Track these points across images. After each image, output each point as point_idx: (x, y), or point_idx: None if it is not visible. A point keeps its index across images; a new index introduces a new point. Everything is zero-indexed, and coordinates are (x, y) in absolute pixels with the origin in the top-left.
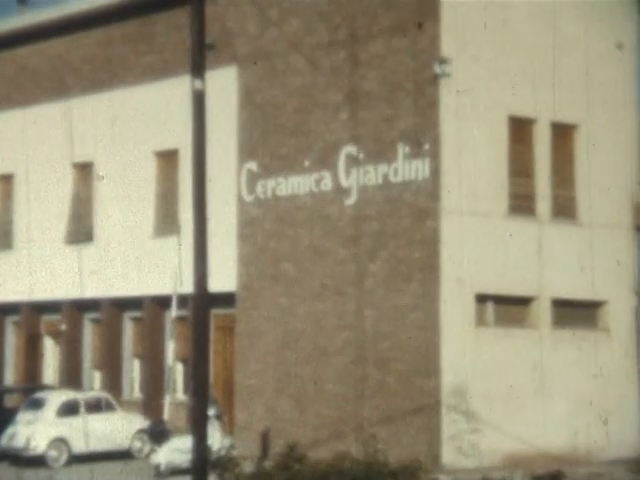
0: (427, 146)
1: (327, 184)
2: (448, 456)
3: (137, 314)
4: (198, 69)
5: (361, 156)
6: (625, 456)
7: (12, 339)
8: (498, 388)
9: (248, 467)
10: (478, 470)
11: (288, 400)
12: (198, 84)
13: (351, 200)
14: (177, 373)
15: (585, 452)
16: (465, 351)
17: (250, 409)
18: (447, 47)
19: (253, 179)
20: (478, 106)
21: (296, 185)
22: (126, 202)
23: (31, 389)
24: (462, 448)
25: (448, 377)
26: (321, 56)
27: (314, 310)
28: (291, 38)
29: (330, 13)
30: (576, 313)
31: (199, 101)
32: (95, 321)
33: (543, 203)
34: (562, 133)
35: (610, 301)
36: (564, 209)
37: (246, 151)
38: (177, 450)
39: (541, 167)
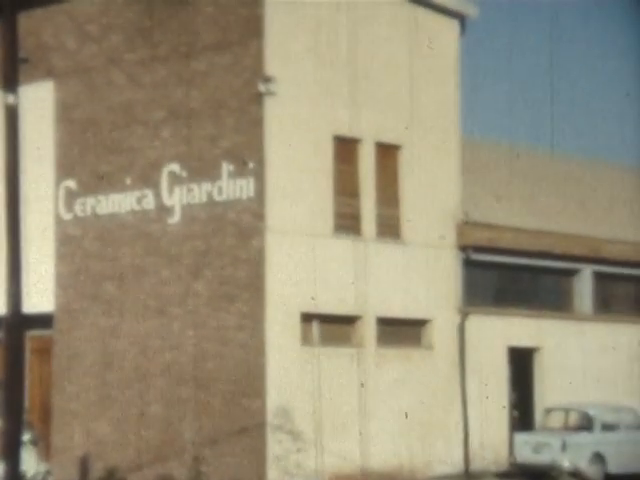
0: (252, 165)
1: (149, 202)
2: (273, 476)
3: None
4: (11, 83)
5: (184, 174)
6: (450, 472)
7: None
8: (324, 407)
9: None
10: None
11: (108, 423)
12: (11, 99)
13: (174, 219)
14: None
15: (411, 469)
16: (290, 371)
17: (68, 433)
18: (272, 65)
19: (71, 197)
20: (303, 125)
21: (117, 203)
22: None
23: None
24: (288, 468)
25: (273, 397)
26: (142, 72)
27: (136, 331)
28: (111, 53)
29: (151, 29)
30: (401, 331)
31: (12, 116)
32: None
33: (368, 222)
34: (386, 153)
35: (434, 319)
36: (389, 228)
37: (64, 168)
38: None
39: (366, 187)
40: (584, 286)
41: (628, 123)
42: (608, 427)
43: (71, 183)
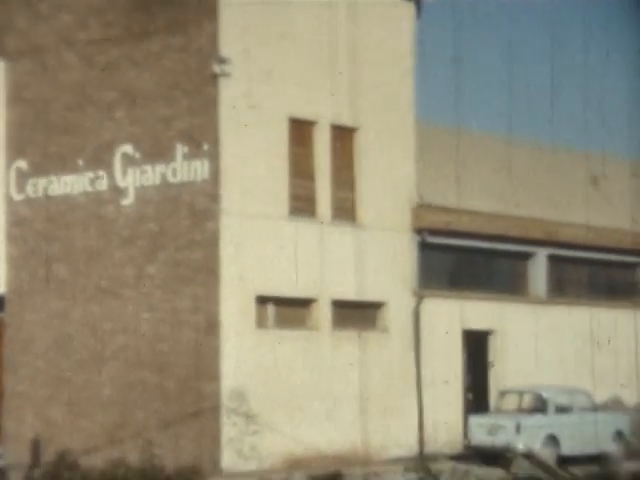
0: (206, 147)
1: (103, 184)
2: (228, 459)
3: None
4: None
5: (138, 156)
6: (405, 455)
7: None
8: (280, 390)
9: (17, 476)
10: (258, 473)
11: (61, 406)
12: None
13: (128, 200)
14: None
15: (366, 452)
16: (246, 353)
17: (20, 416)
18: (227, 47)
19: (23, 178)
20: (258, 107)
21: (69, 184)
22: None
23: None
24: (242, 451)
25: (228, 380)
26: (95, 52)
27: (89, 313)
28: (63, 33)
29: (104, 9)
30: (356, 314)
31: None
32: None
33: (323, 205)
34: (342, 136)
35: (389, 302)
36: (344, 211)
37: (15, 149)
38: None
39: (321, 169)
40: (539, 269)
41: (585, 108)
42: (562, 409)
43: (22, 164)
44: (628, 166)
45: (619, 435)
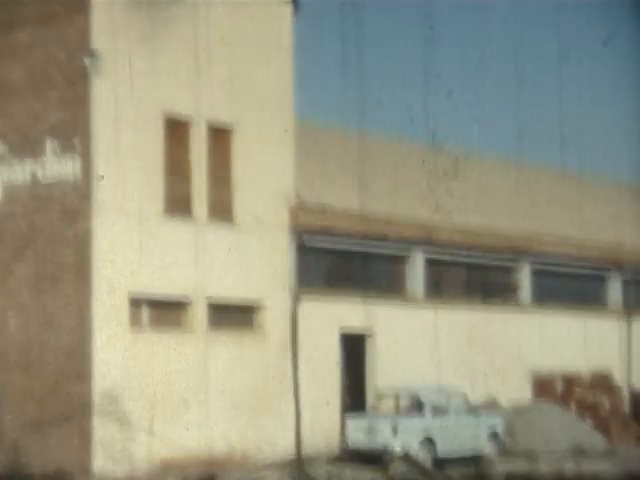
0: (78, 143)
1: None
2: (99, 463)
3: None
4: None
5: (6, 151)
6: (282, 457)
7: None
8: (154, 393)
9: None
10: (131, 477)
11: None
12: None
13: None
14: None
15: (243, 455)
16: (119, 355)
17: None
18: (99, 40)
19: None
20: (133, 104)
21: None
22: None
23: None
24: (114, 455)
25: (100, 382)
26: None
27: None
28: None
29: None
30: (234, 315)
31: None
32: None
33: (200, 205)
34: (219, 135)
35: (267, 303)
36: (221, 211)
37: None
38: None
39: (198, 168)
40: (416, 271)
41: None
42: (438, 411)
43: None
44: (502, 165)
45: (494, 436)
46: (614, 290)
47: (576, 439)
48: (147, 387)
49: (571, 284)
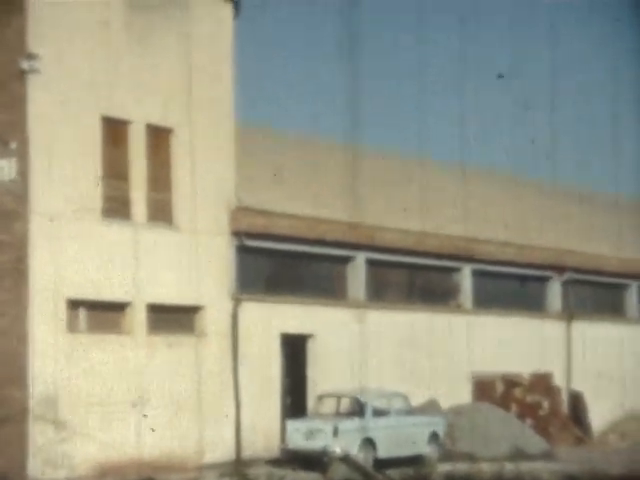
0: (14, 145)
1: None
2: (36, 467)
3: None
4: None
5: None
6: (221, 460)
7: None
8: (92, 396)
9: None
10: None
11: None
12: None
13: None
14: None
15: (182, 457)
16: (56, 359)
17: None
18: (36, 42)
19: None
20: (71, 105)
21: None
22: None
23: None
24: (51, 459)
25: (37, 386)
26: None
27: None
28: None
29: None
30: (174, 318)
31: None
32: None
33: (139, 207)
34: (159, 136)
35: (207, 306)
36: (161, 213)
37: None
38: None
39: (137, 170)
40: (358, 273)
41: (406, 111)
42: (379, 413)
43: None
44: (452, 170)
45: (435, 437)
46: (555, 293)
47: (515, 440)
48: (85, 391)
49: (512, 288)
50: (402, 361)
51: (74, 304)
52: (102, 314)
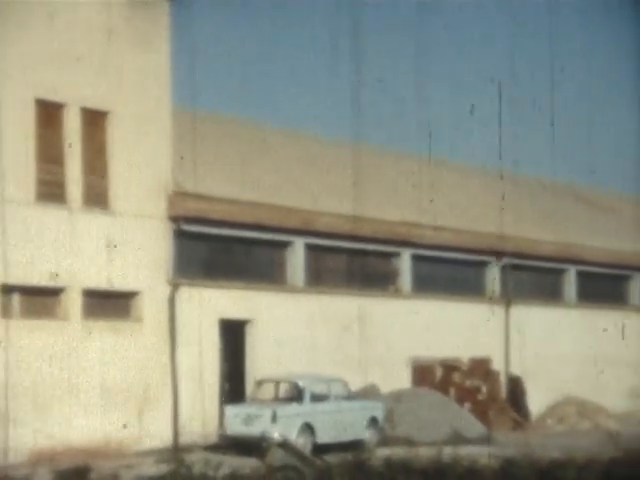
0: None
1: None
2: None
3: None
4: None
5: None
6: (159, 447)
7: None
8: (26, 383)
9: None
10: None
11: None
12: None
13: None
14: None
15: (119, 444)
16: None
17: None
18: None
19: None
20: (3, 86)
21: None
22: None
23: None
24: None
25: None
26: None
27: None
28: None
29: None
30: (109, 304)
31: None
32: None
33: (74, 191)
34: (94, 119)
35: (143, 291)
36: (96, 197)
37: None
38: None
39: (72, 154)
40: (296, 258)
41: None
42: (318, 398)
43: None
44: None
45: (374, 422)
46: (493, 278)
47: (454, 424)
48: (19, 377)
49: (451, 272)
50: (340, 346)
51: (7, 289)
52: (36, 299)
